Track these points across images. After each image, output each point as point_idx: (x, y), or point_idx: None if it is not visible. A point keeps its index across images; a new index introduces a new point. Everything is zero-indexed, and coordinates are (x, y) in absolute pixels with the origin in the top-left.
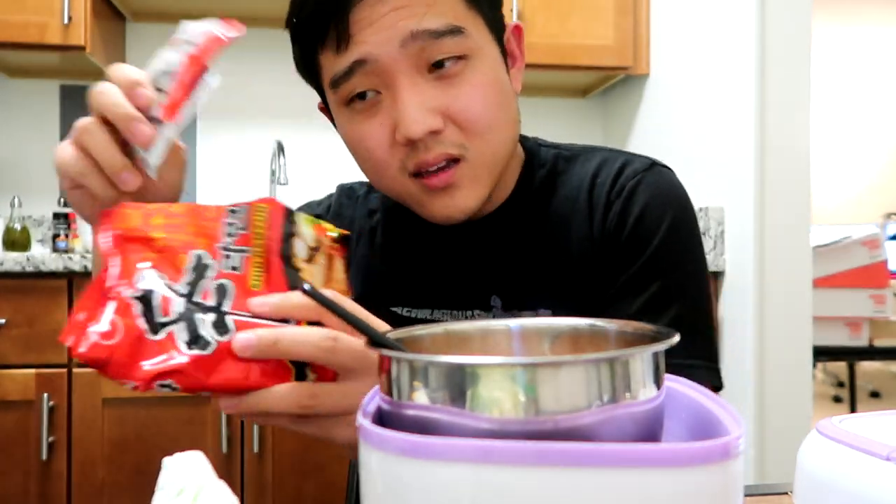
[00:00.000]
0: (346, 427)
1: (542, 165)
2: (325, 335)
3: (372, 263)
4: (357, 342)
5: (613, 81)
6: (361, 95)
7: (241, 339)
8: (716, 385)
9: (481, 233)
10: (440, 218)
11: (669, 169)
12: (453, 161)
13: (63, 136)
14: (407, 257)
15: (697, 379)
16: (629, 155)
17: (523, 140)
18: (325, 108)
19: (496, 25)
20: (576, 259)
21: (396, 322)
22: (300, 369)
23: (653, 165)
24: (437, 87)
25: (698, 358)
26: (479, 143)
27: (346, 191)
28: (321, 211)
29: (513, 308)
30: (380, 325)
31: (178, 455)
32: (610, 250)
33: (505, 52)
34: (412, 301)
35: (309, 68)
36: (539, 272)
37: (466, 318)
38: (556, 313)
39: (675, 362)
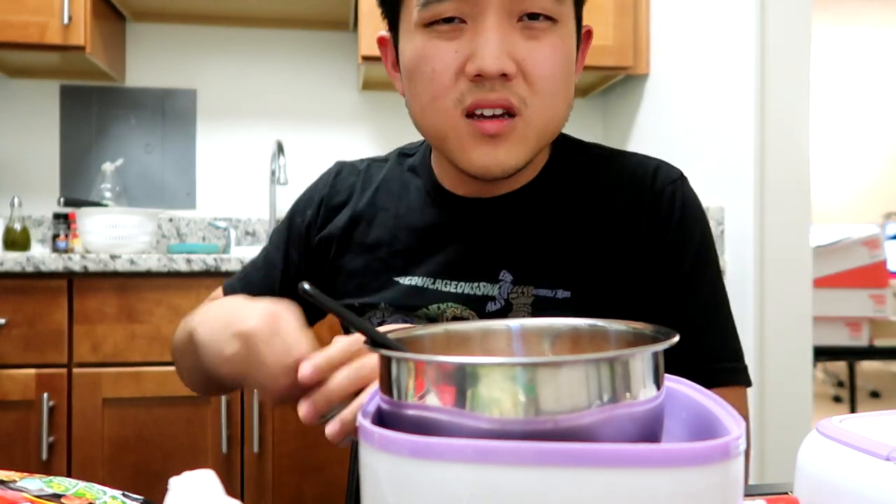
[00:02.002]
0: None
1: (574, 155)
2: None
3: (382, 228)
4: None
5: (613, 81)
6: (447, 19)
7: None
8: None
9: (501, 207)
10: (477, 167)
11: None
12: (509, 115)
13: (63, 136)
14: (421, 224)
15: (745, 381)
16: (658, 160)
17: None
18: (383, 41)
19: (579, 13)
20: (605, 247)
21: (397, 288)
22: None
23: (682, 175)
24: (522, 37)
25: (741, 360)
26: (539, 103)
27: (342, 166)
28: (323, 191)
29: (525, 284)
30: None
31: (185, 474)
32: (654, 253)
33: (578, 40)
34: (419, 269)
35: None
36: (559, 253)
37: (472, 288)
38: (574, 295)
39: (730, 366)
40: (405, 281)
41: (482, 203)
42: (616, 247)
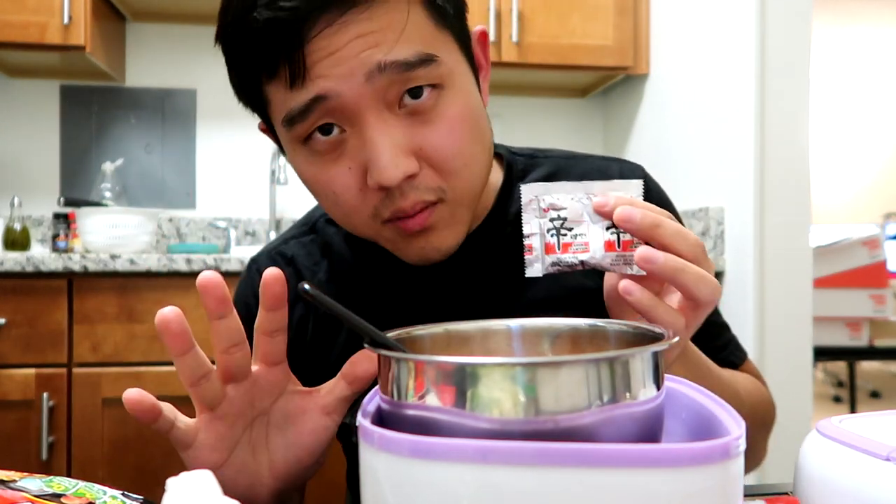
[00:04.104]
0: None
1: (521, 177)
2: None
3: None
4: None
5: (613, 81)
6: (322, 130)
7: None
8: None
9: (469, 248)
10: (416, 260)
11: None
12: (430, 203)
13: (63, 137)
14: (390, 293)
15: (745, 353)
16: (616, 160)
17: (497, 150)
18: (267, 130)
19: (463, 37)
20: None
21: None
22: None
23: (644, 170)
24: (409, 124)
25: (732, 334)
26: (456, 183)
27: (269, 261)
28: (247, 298)
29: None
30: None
31: (183, 475)
32: None
33: (473, 63)
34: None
35: (252, 99)
36: (540, 278)
37: None
38: (565, 317)
39: (732, 346)
40: None
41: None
42: None
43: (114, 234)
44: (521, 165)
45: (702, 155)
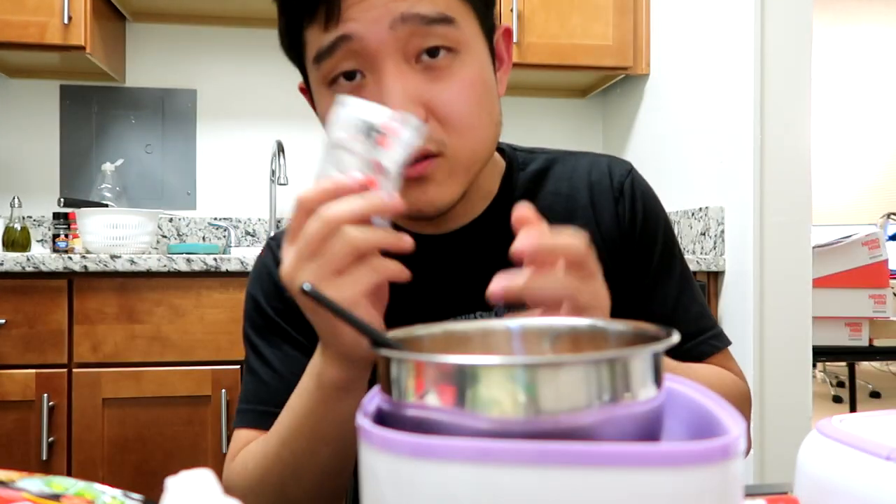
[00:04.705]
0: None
1: (522, 168)
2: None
3: None
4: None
5: (613, 81)
6: (346, 76)
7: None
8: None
9: (471, 237)
10: (410, 211)
11: None
12: (430, 155)
13: (63, 136)
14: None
15: (727, 341)
16: (607, 156)
17: (499, 145)
18: (304, 90)
19: (487, 24)
20: None
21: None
22: None
23: (632, 166)
24: (423, 77)
25: (716, 323)
26: (458, 140)
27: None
28: (270, 268)
29: (517, 307)
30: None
31: (182, 474)
32: (627, 245)
33: (493, 53)
34: (408, 319)
35: (293, 43)
36: None
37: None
38: None
39: (714, 333)
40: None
41: (454, 235)
42: (598, 249)
43: (114, 235)
44: (521, 158)
45: (702, 155)
